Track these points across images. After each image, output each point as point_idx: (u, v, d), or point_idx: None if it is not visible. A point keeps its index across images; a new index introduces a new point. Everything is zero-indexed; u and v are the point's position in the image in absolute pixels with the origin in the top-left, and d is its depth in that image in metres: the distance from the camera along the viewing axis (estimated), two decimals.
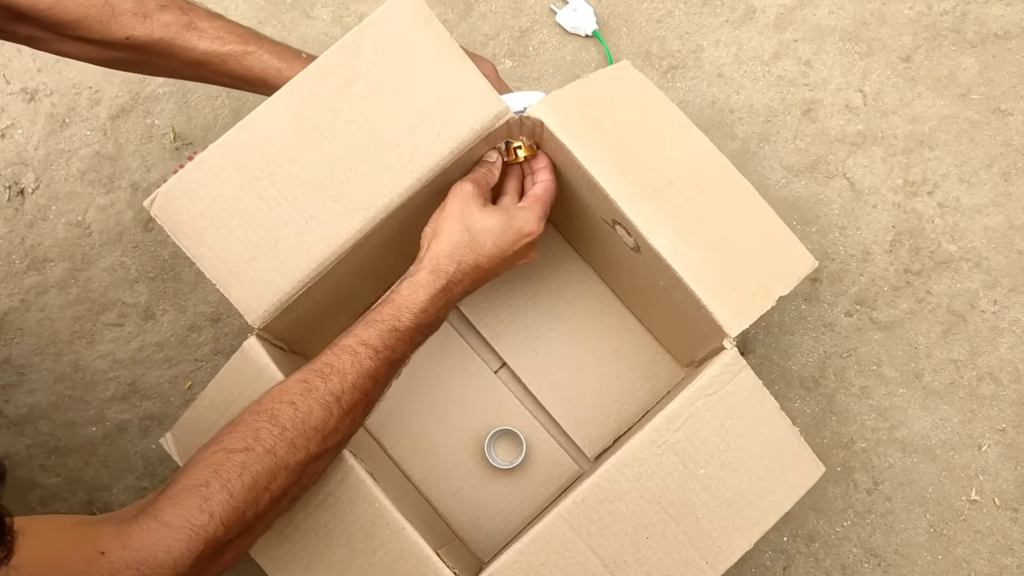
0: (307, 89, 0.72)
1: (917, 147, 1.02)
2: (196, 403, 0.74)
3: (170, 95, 1.06)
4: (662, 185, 0.74)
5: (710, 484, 0.71)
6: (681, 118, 0.78)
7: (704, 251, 0.73)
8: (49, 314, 1.03)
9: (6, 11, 0.70)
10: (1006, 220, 1.00)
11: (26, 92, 1.07)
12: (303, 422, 0.63)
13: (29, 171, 1.05)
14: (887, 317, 0.99)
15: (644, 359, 0.96)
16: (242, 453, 0.60)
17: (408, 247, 0.79)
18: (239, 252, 0.72)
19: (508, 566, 0.69)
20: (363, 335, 0.68)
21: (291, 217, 0.73)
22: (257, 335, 0.73)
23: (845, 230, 1.01)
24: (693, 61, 1.05)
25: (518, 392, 0.96)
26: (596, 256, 0.95)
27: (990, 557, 0.95)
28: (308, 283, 0.72)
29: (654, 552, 0.70)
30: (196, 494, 0.57)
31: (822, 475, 0.71)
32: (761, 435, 0.71)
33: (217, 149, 0.72)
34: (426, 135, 0.73)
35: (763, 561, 0.96)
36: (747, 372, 0.71)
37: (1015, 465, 0.96)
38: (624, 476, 0.70)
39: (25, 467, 1.00)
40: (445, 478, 0.94)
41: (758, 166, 1.03)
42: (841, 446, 0.97)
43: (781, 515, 0.71)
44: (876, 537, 0.96)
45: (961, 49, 1.03)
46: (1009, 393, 0.97)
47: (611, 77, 0.79)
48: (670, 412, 0.71)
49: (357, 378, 0.66)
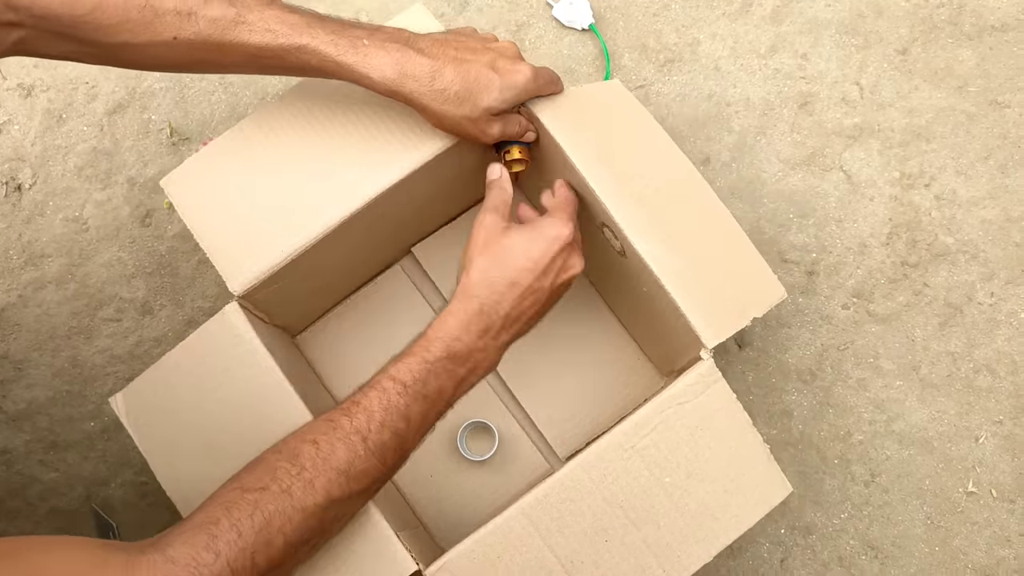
0: (315, 86, 0.78)
1: (914, 140, 1.02)
2: (159, 363, 0.73)
3: (166, 90, 1.06)
4: (649, 193, 0.75)
5: (674, 493, 0.71)
6: (666, 139, 0.79)
7: (686, 261, 0.73)
8: (47, 310, 1.03)
9: (47, 28, 0.65)
10: (1003, 212, 1.00)
11: (23, 88, 1.07)
12: (324, 461, 0.61)
13: (26, 167, 1.05)
14: (884, 310, 0.99)
15: (625, 365, 0.96)
16: (256, 492, 0.58)
17: (391, 234, 0.88)
18: (233, 225, 0.75)
19: (464, 555, 0.69)
20: (391, 370, 0.66)
21: (287, 198, 0.76)
22: (238, 301, 0.74)
23: (842, 223, 1.01)
24: (690, 54, 1.05)
25: (496, 386, 0.96)
26: (587, 259, 0.95)
27: (987, 548, 0.95)
28: (293, 255, 0.74)
29: (612, 555, 0.70)
30: (204, 531, 0.56)
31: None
32: (730, 449, 0.71)
33: (231, 134, 0.77)
34: (418, 130, 0.76)
35: (760, 553, 0.96)
36: (721, 384, 0.71)
37: (1012, 457, 0.96)
38: (588, 476, 0.70)
39: (23, 462, 1.00)
40: (415, 464, 0.92)
41: (755, 159, 1.03)
42: (838, 439, 0.98)
43: (743, 531, 0.71)
44: (873, 529, 0.96)
45: (958, 41, 1.03)
46: (1006, 385, 0.97)
47: (603, 92, 0.81)
48: (640, 418, 0.71)
49: (386, 416, 0.63)
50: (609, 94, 0.82)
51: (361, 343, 0.97)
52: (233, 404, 0.73)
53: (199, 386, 0.73)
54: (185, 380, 0.73)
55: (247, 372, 0.73)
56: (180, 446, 0.72)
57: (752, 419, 0.95)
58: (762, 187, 1.02)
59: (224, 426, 0.72)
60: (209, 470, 0.70)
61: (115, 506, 0.99)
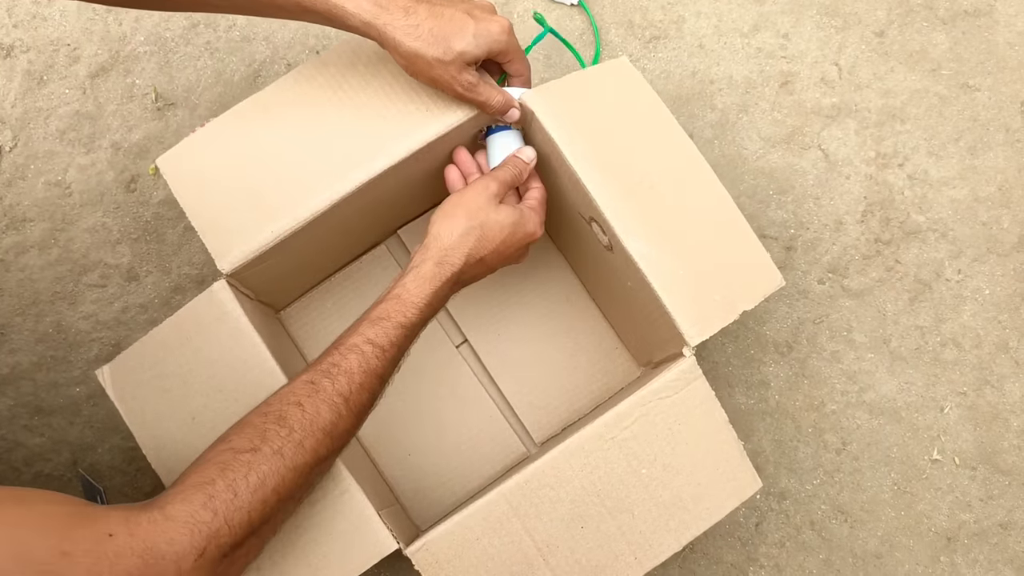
0: (313, 71, 0.78)
1: (889, 120, 1.05)
2: (146, 338, 0.74)
3: (151, 54, 1.05)
4: (643, 188, 0.76)
5: (650, 484, 0.74)
6: (671, 122, 0.80)
7: (675, 258, 0.75)
8: (29, 274, 1.02)
9: None
10: (971, 192, 1.04)
11: (2, 48, 1.05)
12: (311, 423, 0.63)
13: (6, 129, 1.04)
14: (858, 285, 1.03)
15: (603, 354, 0.99)
16: (248, 453, 0.60)
17: (378, 217, 0.92)
18: (225, 205, 0.76)
19: (444, 536, 0.72)
20: (369, 333, 0.68)
21: (279, 180, 0.77)
22: (226, 279, 0.75)
23: (819, 200, 1.04)
24: (675, 32, 1.07)
25: (476, 369, 0.98)
26: (570, 249, 0.97)
27: (949, 513, 1.00)
28: (283, 236, 0.75)
29: (587, 541, 0.73)
30: (202, 491, 0.57)
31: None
32: (706, 444, 0.74)
33: (228, 116, 0.78)
34: (412, 117, 0.77)
35: (736, 518, 1.00)
36: (701, 382, 0.74)
37: (974, 427, 1.01)
38: (569, 465, 0.73)
39: (8, 427, 0.99)
40: (394, 443, 0.95)
41: (736, 136, 1.05)
42: (812, 408, 1.01)
43: (713, 522, 0.74)
44: (844, 495, 1.00)
45: (932, 25, 1.07)
46: (970, 358, 1.02)
47: (608, 73, 0.82)
48: (622, 410, 0.73)
49: (365, 378, 0.66)
50: (615, 75, 0.82)
51: (344, 321, 0.96)
52: (219, 379, 0.74)
53: (186, 361, 0.74)
54: (172, 355, 0.74)
55: (234, 348, 0.74)
56: (165, 418, 0.73)
57: (730, 389, 0.99)
58: (743, 164, 1.05)
59: (209, 401, 0.74)
60: (194, 442, 0.72)
61: (102, 471, 0.99)
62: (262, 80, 1.05)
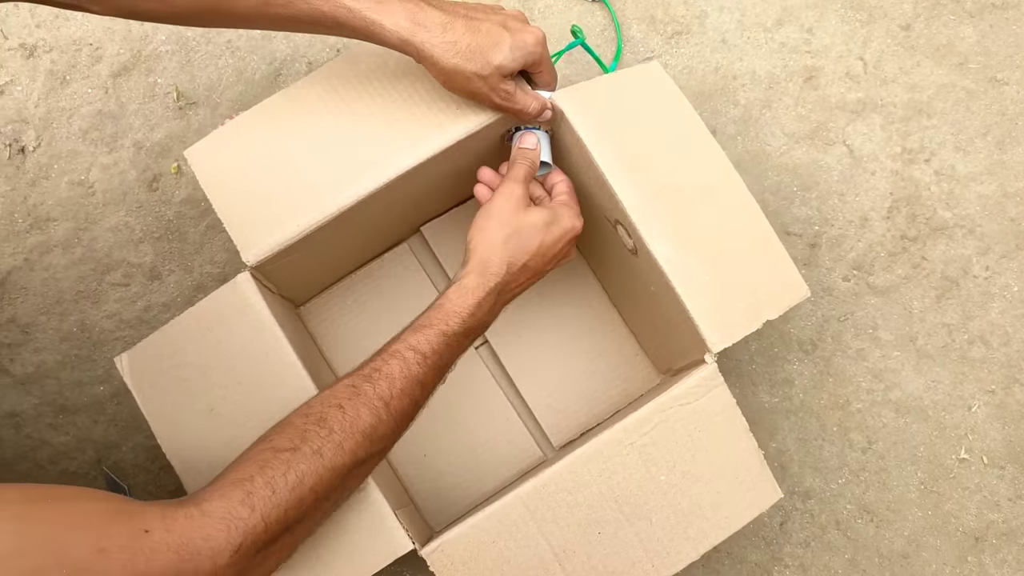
0: (343, 67, 0.78)
1: (915, 115, 1.04)
2: (167, 327, 0.74)
3: (172, 54, 1.05)
4: (670, 193, 0.75)
5: (669, 491, 0.73)
6: (701, 128, 0.79)
7: (701, 264, 0.74)
8: (53, 274, 1.02)
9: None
10: (999, 188, 1.02)
11: (25, 48, 1.05)
12: (351, 426, 0.63)
13: (30, 129, 1.04)
14: (883, 282, 1.02)
15: (623, 360, 0.98)
16: (288, 452, 0.60)
17: (403, 214, 0.91)
18: (252, 198, 0.76)
19: (460, 538, 0.71)
20: (412, 340, 0.68)
21: (307, 174, 0.76)
22: (250, 271, 0.75)
23: (844, 196, 1.03)
24: (697, 27, 1.06)
25: (495, 371, 0.98)
26: (594, 252, 0.96)
27: (977, 513, 0.99)
28: (308, 230, 0.75)
29: (604, 548, 0.72)
30: (240, 488, 0.58)
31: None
32: (726, 452, 0.73)
33: (256, 110, 0.78)
34: (441, 115, 0.77)
35: (760, 517, 0.99)
36: (722, 389, 0.73)
37: (1003, 425, 1.00)
38: (587, 470, 0.72)
39: (33, 425, 1.00)
40: (410, 443, 0.95)
41: (760, 132, 1.04)
42: (838, 407, 1.00)
43: (732, 532, 0.73)
44: (869, 494, 0.99)
45: (960, 18, 1.05)
46: (998, 356, 1.01)
47: (639, 77, 0.81)
48: (641, 415, 0.73)
49: (406, 384, 0.66)
50: (646, 79, 0.81)
51: (364, 318, 0.98)
52: (238, 371, 0.74)
53: (206, 352, 0.74)
54: (192, 345, 0.74)
55: (255, 341, 0.74)
56: (183, 409, 0.73)
57: (754, 387, 0.98)
58: (767, 160, 1.04)
59: (228, 393, 0.73)
60: (210, 435, 0.72)
61: (126, 469, 1.00)
62: (283, 78, 1.05)
